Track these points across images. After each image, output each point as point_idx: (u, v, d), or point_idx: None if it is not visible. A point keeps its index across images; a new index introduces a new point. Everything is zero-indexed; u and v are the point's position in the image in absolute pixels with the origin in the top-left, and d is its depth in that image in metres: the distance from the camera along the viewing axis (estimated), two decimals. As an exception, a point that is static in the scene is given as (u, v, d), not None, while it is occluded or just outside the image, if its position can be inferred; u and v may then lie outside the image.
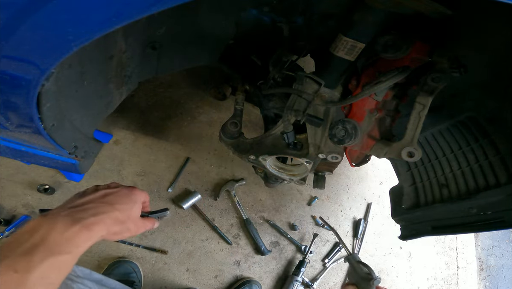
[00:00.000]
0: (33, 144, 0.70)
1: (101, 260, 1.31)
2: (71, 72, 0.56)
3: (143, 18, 0.38)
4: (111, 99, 0.80)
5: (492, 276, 2.02)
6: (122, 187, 0.65)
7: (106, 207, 0.57)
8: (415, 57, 0.70)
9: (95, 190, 0.61)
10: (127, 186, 0.67)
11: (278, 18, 0.84)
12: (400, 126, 0.81)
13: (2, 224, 1.19)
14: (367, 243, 1.74)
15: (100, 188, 0.62)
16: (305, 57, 1.00)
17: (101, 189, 0.62)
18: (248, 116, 1.67)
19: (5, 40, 0.40)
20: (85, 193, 0.61)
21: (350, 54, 0.75)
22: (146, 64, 0.82)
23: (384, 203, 1.85)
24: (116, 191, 0.62)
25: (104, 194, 0.60)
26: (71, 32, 0.40)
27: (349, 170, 1.84)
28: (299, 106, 0.82)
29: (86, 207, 0.55)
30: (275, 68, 0.93)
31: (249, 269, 1.50)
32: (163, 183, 1.46)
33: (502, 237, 2.13)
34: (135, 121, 1.49)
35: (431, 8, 0.59)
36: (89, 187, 0.64)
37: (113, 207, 0.57)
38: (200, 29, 0.80)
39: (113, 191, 0.62)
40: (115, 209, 0.58)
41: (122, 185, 0.66)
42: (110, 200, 0.59)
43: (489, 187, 0.85)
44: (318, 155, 0.87)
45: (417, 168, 1.10)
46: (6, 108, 0.52)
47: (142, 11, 0.38)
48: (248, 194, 1.59)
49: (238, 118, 0.95)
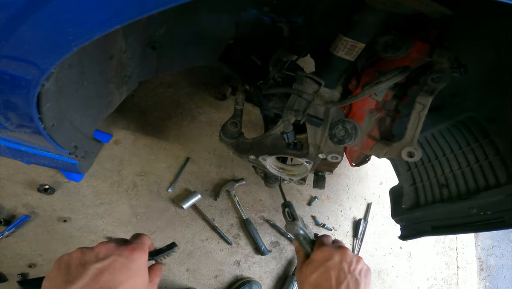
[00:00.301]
0: (33, 144, 0.70)
1: (101, 260, 1.31)
2: (71, 72, 0.56)
3: (143, 18, 0.38)
4: (111, 99, 0.80)
5: (492, 276, 2.02)
6: (116, 252, 0.49)
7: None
8: (415, 57, 0.70)
9: (82, 265, 0.47)
10: (121, 246, 0.51)
11: (278, 18, 0.84)
12: (400, 126, 0.81)
13: (2, 224, 1.19)
14: (367, 243, 1.74)
15: (91, 258, 0.47)
16: (305, 57, 1.00)
17: (92, 262, 0.47)
18: (248, 116, 1.67)
19: (5, 40, 0.40)
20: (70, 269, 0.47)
21: (350, 54, 0.75)
22: (146, 64, 0.82)
23: (384, 203, 1.85)
24: (109, 263, 0.47)
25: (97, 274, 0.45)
26: (71, 32, 0.40)
27: (349, 170, 1.83)
28: (299, 106, 0.82)
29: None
30: (275, 68, 0.93)
31: (249, 269, 1.50)
32: (163, 183, 1.46)
33: (502, 237, 2.14)
34: (135, 121, 1.49)
35: (431, 8, 0.59)
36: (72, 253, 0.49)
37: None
38: (200, 29, 0.80)
39: (105, 265, 0.46)
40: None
41: (115, 247, 0.50)
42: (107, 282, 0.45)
43: (489, 187, 0.85)
44: (318, 155, 0.87)
45: (417, 168, 1.10)
46: (6, 108, 0.52)
47: (142, 11, 0.38)
48: (248, 194, 1.59)
49: (238, 118, 0.95)
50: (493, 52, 0.72)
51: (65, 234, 1.28)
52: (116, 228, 1.35)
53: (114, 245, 0.50)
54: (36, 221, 1.26)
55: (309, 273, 0.62)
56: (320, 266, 0.62)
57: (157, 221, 1.41)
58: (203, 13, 0.74)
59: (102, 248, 0.49)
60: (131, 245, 0.51)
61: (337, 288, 0.58)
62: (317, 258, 0.64)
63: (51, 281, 0.48)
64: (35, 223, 1.26)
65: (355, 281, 0.59)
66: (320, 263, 0.62)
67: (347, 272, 0.60)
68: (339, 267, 0.60)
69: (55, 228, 1.28)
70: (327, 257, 0.62)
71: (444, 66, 0.70)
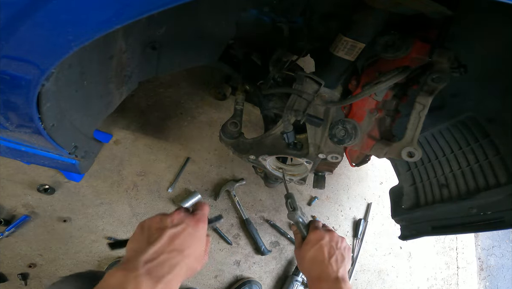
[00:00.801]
0: (33, 144, 0.70)
1: (101, 259, 1.31)
2: (71, 72, 0.56)
3: (143, 18, 0.38)
4: (111, 99, 0.80)
5: (492, 276, 2.02)
6: (186, 221, 0.62)
7: (177, 257, 0.56)
8: (415, 57, 0.70)
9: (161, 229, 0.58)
10: (190, 216, 0.64)
11: (278, 18, 0.84)
12: (400, 126, 0.81)
13: (2, 224, 1.19)
14: (367, 243, 1.74)
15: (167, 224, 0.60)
16: (305, 57, 1.00)
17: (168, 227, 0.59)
18: (248, 116, 1.67)
19: (5, 40, 0.40)
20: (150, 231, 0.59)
21: (350, 54, 0.75)
22: (146, 64, 0.82)
23: (384, 203, 1.85)
24: (181, 230, 0.59)
25: (172, 237, 0.58)
26: (71, 32, 0.40)
27: (349, 170, 1.83)
28: (299, 106, 0.82)
29: (160, 260, 0.54)
30: (275, 68, 0.93)
31: (249, 269, 1.50)
32: (163, 183, 1.46)
33: (502, 237, 2.14)
34: (135, 121, 1.49)
35: (431, 8, 0.59)
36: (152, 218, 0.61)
37: (183, 255, 0.57)
38: (200, 29, 0.80)
39: (178, 230, 0.59)
40: (185, 257, 0.57)
41: (186, 216, 0.63)
42: (178, 245, 0.57)
43: (489, 187, 0.85)
44: (318, 155, 0.87)
45: (417, 168, 1.10)
46: (6, 108, 0.52)
47: (142, 11, 0.38)
48: (248, 194, 1.59)
49: (238, 118, 0.95)
50: (493, 52, 0.72)
51: (65, 234, 1.28)
52: (116, 228, 1.35)
53: (184, 215, 0.64)
54: (36, 221, 1.26)
55: (307, 250, 0.79)
56: (315, 244, 0.79)
57: (157, 221, 1.41)
58: (203, 13, 0.74)
59: (175, 216, 0.62)
60: (197, 216, 0.64)
61: (329, 260, 0.76)
62: (312, 238, 0.80)
63: (136, 241, 0.59)
64: (35, 223, 1.26)
65: (341, 256, 0.78)
66: (315, 242, 0.79)
67: (336, 248, 0.79)
68: (329, 245, 0.79)
69: (55, 228, 1.28)
70: (319, 237, 0.80)
71: (444, 66, 0.70)
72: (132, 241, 0.61)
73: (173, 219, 0.61)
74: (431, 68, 0.71)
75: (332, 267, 0.75)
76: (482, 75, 0.79)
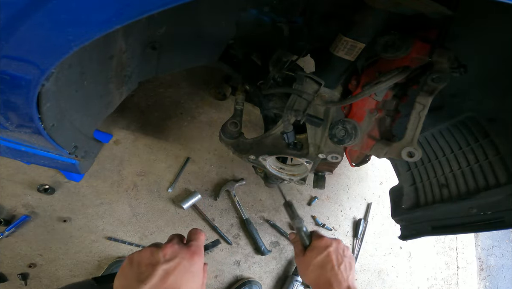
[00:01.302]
0: (33, 144, 0.70)
1: (101, 260, 1.31)
2: (71, 72, 0.56)
3: (143, 18, 0.38)
4: (111, 99, 0.80)
5: (492, 276, 2.02)
6: (180, 254, 0.56)
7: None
8: (415, 57, 0.70)
9: (152, 265, 0.53)
10: (184, 248, 0.59)
11: (278, 18, 0.84)
12: (400, 126, 0.81)
13: (2, 224, 1.19)
14: (367, 243, 1.74)
15: (159, 259, 0.54)
16: (305, 57, 1.00)
17: (160, 263, 0.53)
18: (248, 116, 1.67)
19: (5, 40, 0.40)
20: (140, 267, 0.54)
21: (350, 54, 0.75)
22: (146, 64, 0.82)
23: (384, 203, 1.85)
24: (175, 265, 0.54)
25: (165, 274, 0.52)
26: (71, 32, 0.40)
27: (349, 170, 1.84)
28: (299, 106, 0.82)
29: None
30: (275, 68, 0.93)
31: (249, 269, 1.50)
32: (163, 183, 1.46)
33: (502, 237, 2.14)
34: (135, 121, 1.49)
35: (431, 8, 0.59)
36: (142, 251, 0.56)
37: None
38: (200, 30, 0.80)
39: (172, 266, 0.54)
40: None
41: (179, 248, 0.58)
42: (173, 283, 0.52)
43: (489, 187, 0.85)
44: (318, 155, 0.87)
45: (417, 168, 1.10)
46: (6, 108, 0.52)
47: (142, 11, 0.38)
48: (248, 194, 1.59)
49: (238, 118, 0.95)
50: (492, 52, 0.72)
51: (65, 234, 1.28)
52: (116, 228, 1.35)
53: (178, 247, 0.58)
54: (36, 221, 1.26)
55: (313, 257, 0.77)
56: (323, 251, 0.77)
57: (157, 221, 1.41)
58: (203, 13, 0.74)
59: (168, 250, 0.56)
60: (192, 248, 0.59)
61: (339, 267, 0.74)
62: (318, 245, 0.79)
63: (124, 278, 0.54)
64: (35, 223, 1.26)
65: (349, 263, 0.77)
66: (323, 249, 0.77)
67: (343, 256, 0.77)
68: (337, 252, 0.77)
69: (55, 228, 1.28)
70: (327, 244, 0.78)
71: (444, 66, 0.70)
72: (120, 277, 0.55)
73: (166, 253, 0.55)
74: (431, 68, 0.71)
75: (342, 275, 0.73)
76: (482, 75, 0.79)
